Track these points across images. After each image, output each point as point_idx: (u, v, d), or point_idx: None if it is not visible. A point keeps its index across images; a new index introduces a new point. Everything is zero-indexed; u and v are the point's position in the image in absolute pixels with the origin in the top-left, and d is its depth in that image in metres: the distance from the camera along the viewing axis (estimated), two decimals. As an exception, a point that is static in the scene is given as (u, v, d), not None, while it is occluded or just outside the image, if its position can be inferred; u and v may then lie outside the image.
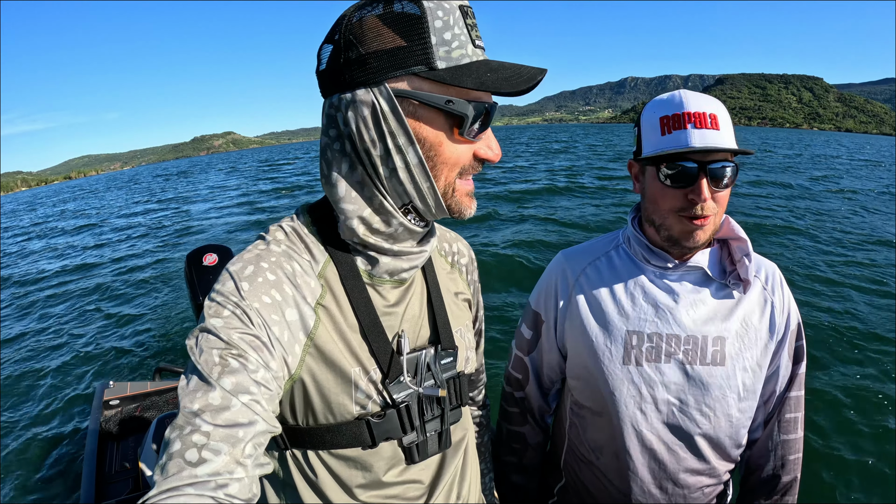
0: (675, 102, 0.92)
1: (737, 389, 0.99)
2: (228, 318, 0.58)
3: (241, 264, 0.63)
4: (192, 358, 0.56)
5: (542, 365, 1.16)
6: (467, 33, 0.59)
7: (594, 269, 1.07)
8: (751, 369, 1.00)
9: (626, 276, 1.04)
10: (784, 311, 1.02)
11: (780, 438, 1.06)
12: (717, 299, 1.00)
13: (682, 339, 0.98)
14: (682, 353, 0.98)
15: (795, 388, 1.05)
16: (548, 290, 1.12)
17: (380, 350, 0.68)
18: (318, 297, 0.66)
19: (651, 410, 1.01)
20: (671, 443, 1.01)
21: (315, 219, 0.71)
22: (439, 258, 0.85)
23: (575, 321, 1.06)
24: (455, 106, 0.60)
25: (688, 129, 0.88)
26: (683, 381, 0.99)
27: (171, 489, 0.48)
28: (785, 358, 1.03)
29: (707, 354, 0.98)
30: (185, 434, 0.51)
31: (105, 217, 18.47)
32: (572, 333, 1.07)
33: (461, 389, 0.79)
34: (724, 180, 0.90)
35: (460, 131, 0.61)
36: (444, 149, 0.62)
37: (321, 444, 0.67)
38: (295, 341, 0.63)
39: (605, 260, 1.08)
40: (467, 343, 0.83)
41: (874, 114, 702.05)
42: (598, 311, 1.04)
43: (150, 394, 2.63)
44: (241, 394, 0.54)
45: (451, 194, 0.65)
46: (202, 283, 2.48)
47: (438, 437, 0.76)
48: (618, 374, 1.01)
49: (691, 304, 0.99)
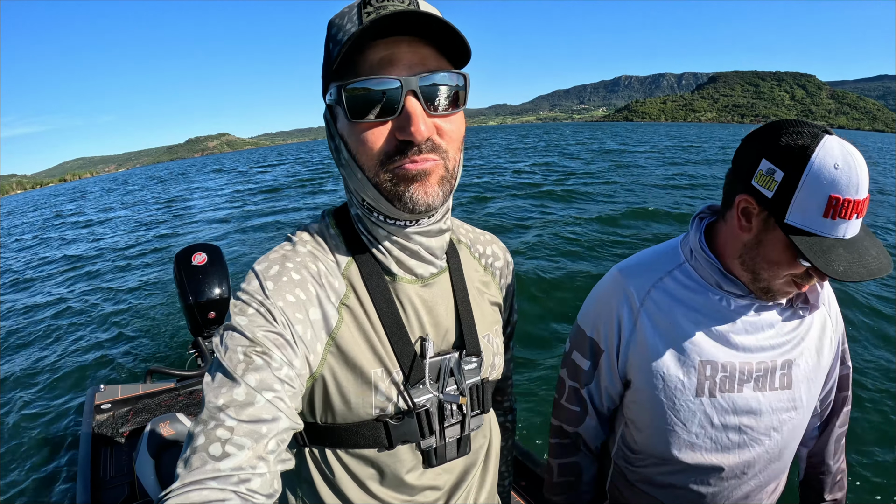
0: (852, 185, 0.75)
1: (804, 411, 1.00)
2: (253, 315, 0.60)
3: (267, 264, 0.65)
4: (218, 355, 0.57)
5: (601, 396, 1.05)
6: (356, 20, 0.57)
7: (661, 292, 0.96)
8: (815, 389, 1.01)
9: (694, 299, 0.95)
10: (837, 325, 1.03)
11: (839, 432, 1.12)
12: (785, 322, 0.95)
13: (754, 366, 0.94)
14: (753, 381, 0.94)
15: (845, 388, 1.10)
16: (608, 314, 0.99)
17: (402, 352, 0.68)
18: (343, 296, 0.67)
19: (722, 440, 0.96)
20: (735, 469, 0.98)
21: (339, 220, 0.72)
22: (472, 261, 0.83)
23: (642, 350, 0.96)
24: (333, 96, 0.61)
25: (851, 220, 0.77)
26: (756, 408, 0.95)
27: (194, 482, 0.49)
28: (838, 363, 1.08)
29: (776, 379, 0.95)
30: (210, 428, 0.52)
31: (94, 219, 18.34)
32: (638, 363, 0.97)
33: (484, 396, 0.78)
34: None
35: (347, 118, 0.59)
36: (350, 140, 0.62)
37: (339, 442, 0.68)
38: (317, 340, 0.64)
39: (671, 280, 0.96)
40: (494, 349, 0.81)
41: (867, 110, 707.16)
42: (668, 339, 0.94)
43: (142, 396, 2.60)
44: (265, 390, 0.55)
45: (381, 183, 0.61)
46: (191, 282, 2.46)
47: (458, 443, 0.75)
48: (690, 408, 0.94)
49: (762, 330, 0.94)
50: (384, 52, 0.57)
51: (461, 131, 0.65)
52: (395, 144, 0.59)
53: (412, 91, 0.57)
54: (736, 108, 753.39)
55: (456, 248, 0.80)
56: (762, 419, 0.96)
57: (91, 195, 36.86)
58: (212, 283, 2.48)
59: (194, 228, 12.33)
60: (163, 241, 11.17)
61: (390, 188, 0.61)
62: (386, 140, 0.59)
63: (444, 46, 0.59)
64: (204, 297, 2.44)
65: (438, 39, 0.58)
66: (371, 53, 0.57)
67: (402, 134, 0.58)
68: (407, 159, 0.59)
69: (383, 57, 0.57)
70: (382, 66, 0.57)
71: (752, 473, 1.00)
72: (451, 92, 0.61)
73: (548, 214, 10.61)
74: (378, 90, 0.57)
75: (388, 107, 0.57)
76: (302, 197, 17.48)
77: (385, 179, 0.61)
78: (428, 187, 0.61)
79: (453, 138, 0.63)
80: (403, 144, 0.59)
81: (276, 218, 12.71)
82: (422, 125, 0.57)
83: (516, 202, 12.25)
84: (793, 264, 0.82)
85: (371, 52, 0.57)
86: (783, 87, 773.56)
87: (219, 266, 2.54)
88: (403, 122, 0.58)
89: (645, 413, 0.99)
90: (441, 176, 0.62)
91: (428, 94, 0.58)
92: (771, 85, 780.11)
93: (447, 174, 0.63)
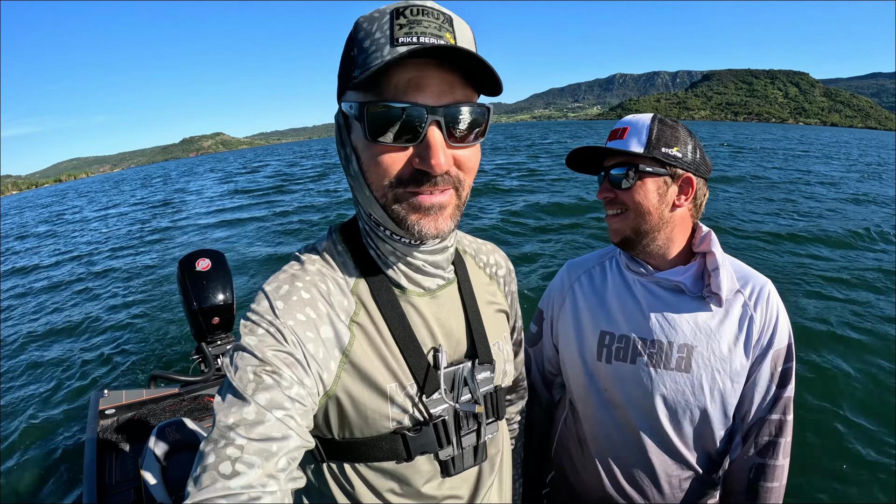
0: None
1: (702, 398, 1.03)
2: (263, 336, 0.60)
3: (276, 284, 0.65)
4: (228, 375, 0.58)
5: (543, 358, 1.29)
6: (389, 35, 0.55)
7: (587, 277, 1.20)
8: (720, 382, 1.02)
9: (612, 282, 1.14)
10: (766, 329, 1.02)
11: (754, 461, 1.04)
12: (691, 310, 1.04)
13: (648, 342, 1.06)
14: (647, 356, 1.06)
15: (777, 412, 1.03)
16: (550, 292, 1.26)
17: (416, 364, 0.68)
18: (353, 314, 0.67)
19: (619, 405, 1.09)
20: (637, 441, 1.08)
21: (346, 237, 0.72)
22: (477, 270, 0.84)
23: (565, 321, 1.19)
24: (354, 111, 0.58)
25: (609, 142, 1.06)
26: (648, 382, 1.05)
27: (204, 501, 0.49)
28: (764, 377, 1.03)
29: (672, 360, 1.03)
30: (220, 447, 0.52)
31: (93, 222, 18.23)
32: (563, 332, 1.20)
33: (498, 404, 0.79)
34: (617, 181, 1.04)
35: (365, 136, 0.57)
36: (366, 156, 0.60)
37: (357, 457, 0.68)
38: (330, 358, 0.64)
39: (599, 269, 1.19)
40: (505, 356, 0.82)
41: (860, 108, 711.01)
42: (583, 311, 1.16)
43: (147, 401, 2.60)
44: (276, 409, 0.55)
45: (389, 206, 0.61)
46: (195, 288, 2.46)
47: (474, 451, 0.75)
48: (591, 369, 1.12)
49: (663, 311, 1.05)
50: (413, 74, 0.55)
51: (478, 161, 0.64)
52: (412, 172, 0.58)
53: (436, 121, 0.56)
54: (729, 106, 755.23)
55: (462, 259, 0.81)
56: (654, 393, 1.05)
57: (92, 196, 36.53)
58: (215, 288, 2.48)
59: (198, 233, 12.27)
60: (166, 246, 11.11)
61: (399, 213, 0.61)
62: (403, 166, 0.58)
63: (470, 72, 0.58)
64: (208, 303, 2.44)
65: (466, 66, 0.57)
66: (399, 73, 0.55)
67: (422, 164, 0.57)
68: (422, 190, 0.59)
69: (411, 79, 0.55)
70: (410, 88, 0.55)
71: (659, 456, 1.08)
72: (474, 123, 0.60)
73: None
74: (403, 115, 0.55)
75: (409, 133, 0.56)
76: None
77: (394, 203, 0.60)
78: (440, 221, 0.61)
79: (470, 168, 0.63)
80: (419, 174, 0.58)
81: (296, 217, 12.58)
82: (441, 157, 0.57)
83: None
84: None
85: (399, 72, 0.55)
86: (776, 85, 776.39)
87: (222, 272, 2.54)
88: (424, 151, 0.57)
89: (569, 379, 1.19)
90: (455, 206, 0.63)
91: (451, 125, 0.57)
92: (764, 83, 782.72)
93: (459, 203, 0.64)
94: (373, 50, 0.56)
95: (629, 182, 1.03)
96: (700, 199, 1.07)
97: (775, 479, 1.04)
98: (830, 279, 5.93)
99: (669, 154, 1.01)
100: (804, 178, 15.52)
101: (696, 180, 1.03)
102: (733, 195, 12.08)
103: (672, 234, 1.06)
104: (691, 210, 1.06)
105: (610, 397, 1.10)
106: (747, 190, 12.98)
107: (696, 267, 1.06)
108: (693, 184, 1.03)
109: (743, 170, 17.63)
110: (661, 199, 1.03)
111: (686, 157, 1.02)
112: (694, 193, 1.04)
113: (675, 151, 1.01)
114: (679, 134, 1.03)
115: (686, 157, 1.02)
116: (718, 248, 1.04)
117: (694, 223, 1.09)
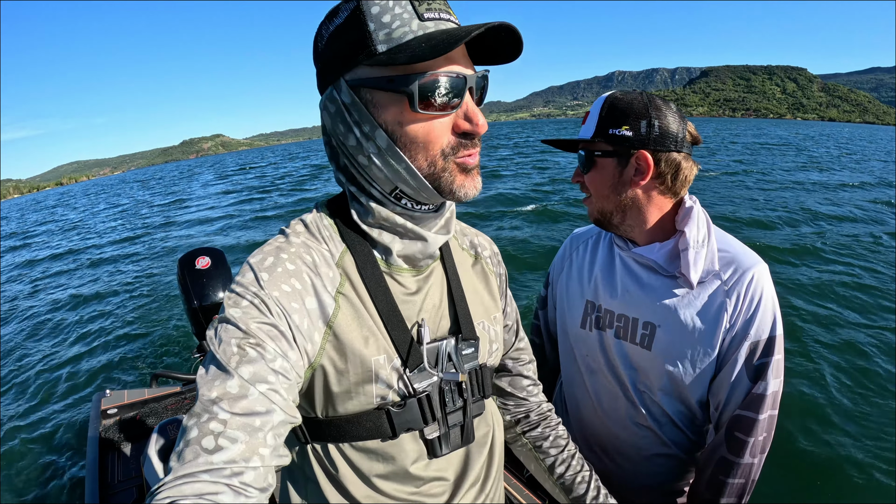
0: None
1: (662, 378, 1.03)
2: (247, 308, 0.59)
3: (261, 256, 0.65)
4: (211, 347, 0.57)
5: (549, 321, 1.38)
6: (412, 10, 0.58)
7: (584, 247, 1.25)
8: (681, 366, 1.00)
9: (601, 255, 1.18)
10: (740, 317, 0.96)
11: (721, 453, 1.00)
12: (661, 288, 1.03)
13: (616, 315, 1.10)
14: (614, 328, 1.10)
15: (750, 408, 0.96)
16: (555, 260, 1.35)
17: (399, 339, 0.68)
18: (338, 285, 0.67)
19: (596, 370, 1.16)
20: (611, 407, 1.14)
21: (333, 211, 0.73)
22: (461, 252, 0.84)
23: (561, 288, 1.27)
24: (396, 84, 0.59)
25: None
26: (616, 353, 1.10)
27: (187, 475, 0.49)
28: (735, 369, 0.97)
29: (636, 335, 1.06)
30: (203, 421, 0.52)
31: (92, 224, 18.24)
32: (559, 298, 1.28)
33: (483, 381, 0.78)
34: (582, 164, 1.08)
35: (412, 107, 0.59)
36: (407, 129, 0.61)
37: (341, 436, 0.67)
38: (314, 329, 0.63)
39: (593, 242, 1.23)
40: (490, 336, 0.82)
41: (857, 102, 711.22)
42: (574, 280, 1.23)
43: (149, 401, 2.60)
44: (259, 383, 0.55)
45: (438, 173, 0.63)
46: (195, 286, 2.46)
47: (461, 430, 0.75)
48: (575, 335, 1.20)
49: (634, 286, 1.07)
50: None
51: None
52: (458, 135, 0.63)
53: (471, 87, 0.62)
54: (727, 102, 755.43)
55: None
56: (621, 364, 1.10)
57: (93, 197, 36.57)
58: (216, 286, 2.47)
59: (198, 231, 12.28)
60: (166, 245, 11.11)
61: (448, 178, 0.63)
62: (451, 130, 0.63)
63: (474, 45, 0.64)
64: (208, 301, 2.43)
65: (476, 40, 0.63)
66: None
67: (470, 126, 0.62)
68: (469, 151, 0.64)
69: (448, 55, 0.60)
70: (446, 60, 0.60)
71: (630, 426, 1.13)
72: (484, 90, 0.66)
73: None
74: (450, 83, 0.59)
75: (454, 99, 0.60)
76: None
77: (445, 169, 0.63)
78: (478, 181, 0.66)
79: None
80: (465, 136, 0.63)
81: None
82: (482, 119, 0.62)
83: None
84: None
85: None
86: (774, 81, 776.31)
87: (223, 269, 2.53)
88: (470, 115, 0.62)
89: (561, 342, 1.28)
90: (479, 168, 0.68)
91: (477, 91, 0.64)
92: (762, 79, 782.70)
93: None
94: (397, 25, 0.58)
95: (586, 167, 1.07)
96: (670, 172, 0.99)
97: (741, 477, 0.99)
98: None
99: (616, 135, 0.99)
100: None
101: (657, 156, 0.97)
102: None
103: (643, 213, 1.03)
104: (661, 187, 1.01)
105: (589, 363, 1.17)
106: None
107: (672, 245, 1.02)
108: (647, 160, 0.97)
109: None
110: (616, 181, 1.02)
111: (639, 134, 0.97)
112: (656, 171, 0.98)
113: (625, 130, 0.98)
114: (632, 110, 0.98)
115: (639, 134, 0.97)
116: (695, 226, 0.99)
117: (681, 198, 1.04)
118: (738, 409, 0.97)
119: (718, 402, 1.01)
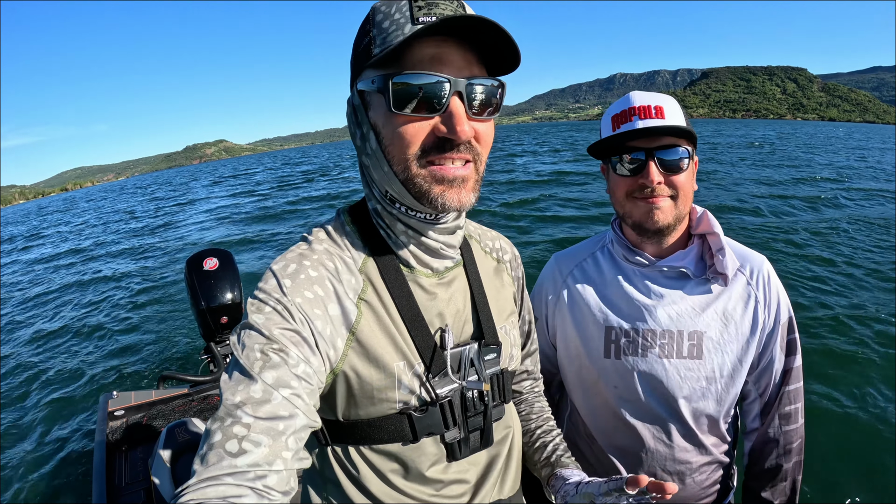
0: (623, 101, 1.00)
1: (716, 383, 1.02)
2: (270, 314, 0.60)
3: (284, 262, 0.66)
4: (235, 353, 0.58)
5: (545, 356, 1.23)
6: (409, 14, 0.58)
7: (580, 270, 1.15)
8: (730, 362, 1.02)
9: (608, 274, 1.10)
10: (770, 305, 1.03)
11: (781, 430, 1.07)
12: (695, 294, 1.03)
13: (658, 333, 1.03)
14: (658, 348, 1.03)
15: (793, 381, 1.06)
16: (541, 289, 1.20)
17: (423, 344, 0.68)
18: (360, 291, 0.67)
19: (633, 400, 1.05)
20: (655, 432, 1.06)
21: (354, 218, 0.73)
22: (483, 255, 0.84)
23: (564, 318, 1.14)
24: (377, 84, 0.60)
25: (633, 120, 0.96)
26: (662, 374, 1.03)
27: (210, 478, 0.49)
28: (777, 351, 1.04)
29: (683, 349, 1.02)
30: (227, 425, 0.52)
31: (101, 227, 18.30)
32: (561, 329, 1.15)
33: (504, 386, 0.78)
34: (674, 164, 0.95)
35: (389, 108, 0.59)
36: (387, 131, 0.61)
37: (363, 439, 0.67)
38: (337, 335, 0.64)
39: (591, 261, 1.14)
40: (511, 340, 0.82)
41: (858, 102, 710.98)
42: (583, 308, 1.11)
43: (156, 402, 2.59)
44: (282, 388, 0.55)
45: (411, 179, 0.62)
46: (203, 287, 2.45)
47: (481, 434, 0.75)
48: (599, 367, 1.08)
49: (669, 301, 1.03)
50: (435, 50, 0.58)
51: (493, 137, 0.67)
52: (434, 141, 0.60)
53: (458, 92, 0.59)
54: (727, 104, 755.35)
55: (468, 243, 0.82)
56: (668, 384, 1.03)
57: (99, 202, 36.75)
58: (224, 287, 2.47)
59: (205, 233, 12.30)
60: (174, 246, 11.13)
61: (422, 186, 0.61)
62: (427, 135, 0.60)
63: (486, 54, 0.62)
64: (216, 302, 2.43)
65: (482, 47, 0.60)
66: (420, 49, 0.58)
67: (447, 132, 0.59)
68: (445, 160, 0.61)
69: (434, 55, 0.58)
70: (433, 63, 0.58)
71: (676, 444, 1.06)
72: (490, 99, 0.63)
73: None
74: (427, 86, 0.58)
75: (433, 103, 0.58)
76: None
77: (417, 176, 0.61)
78: (463, 194, 0.63)
79: (486, 143, 0.65)
80: (442, 142, 0.60)
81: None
82: (465, 126, 0.59)
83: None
84: (619, 183, 1.00)
85: (420, 48, 0.58)
86: (774, 82, 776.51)
87: (230, 270, 2.53)
88: (448, 119, 0.59)
89: (572, 375, 1.15)
90: (475, 181, 0.65)
91: (471, 98, 0.60)
92: (762, 79, 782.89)
93: (478, 178, 0.65)
94: (393, 29, 0.59)
95: (687, 165, 0.96)
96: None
97: (800, 437, 1.08)
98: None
99: (694, 134, 0.97)
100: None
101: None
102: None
103: (687, 218, 1.05)
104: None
105: (622, 393, 1.06)
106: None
107: (696, 249, 1.05)
108: (697, 162, 1.01)
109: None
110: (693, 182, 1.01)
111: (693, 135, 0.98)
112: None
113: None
114: (684, 111, 1.01)
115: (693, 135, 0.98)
116: (719, 227, 1.03)
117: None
118: (784, 386, 1.06)
119: (763, 385, 1.06)
